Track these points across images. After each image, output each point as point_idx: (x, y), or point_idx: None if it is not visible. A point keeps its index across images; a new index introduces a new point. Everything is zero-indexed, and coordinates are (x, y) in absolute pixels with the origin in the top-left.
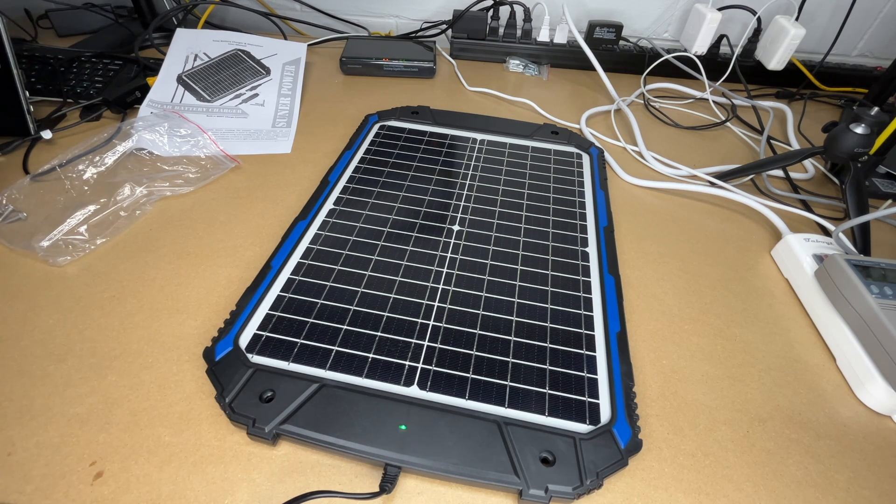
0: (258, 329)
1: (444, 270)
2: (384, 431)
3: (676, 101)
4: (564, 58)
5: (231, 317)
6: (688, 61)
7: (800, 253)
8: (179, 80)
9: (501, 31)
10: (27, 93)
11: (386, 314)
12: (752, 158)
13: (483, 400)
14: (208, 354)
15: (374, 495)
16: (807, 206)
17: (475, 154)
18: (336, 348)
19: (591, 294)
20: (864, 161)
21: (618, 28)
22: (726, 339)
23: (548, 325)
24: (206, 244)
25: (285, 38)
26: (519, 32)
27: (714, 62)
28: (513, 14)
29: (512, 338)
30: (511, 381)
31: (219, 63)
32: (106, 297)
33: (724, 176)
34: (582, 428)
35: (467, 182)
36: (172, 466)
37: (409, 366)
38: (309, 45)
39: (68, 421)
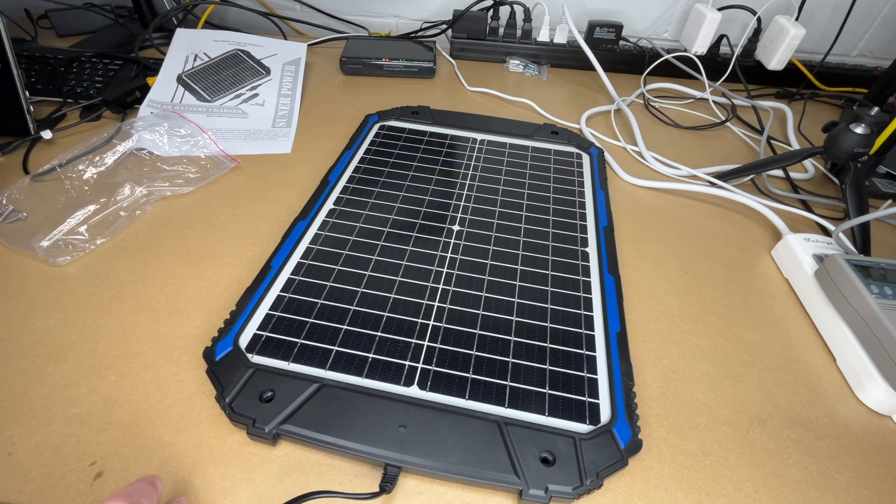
0: (258, 329)
1: (444, 270)
2: (384, 431)
3: (676, 101)
4: (564, 58)
5: (231, 317)
6: (688, 61)
7: (800, 253)
8: (179, 80)
9: (501, 31)
10: (27, 93)
11: (386, 314)
12: (752, 158)
13: (483, 400)
14: (208, 354)
15: (374, 495)
16: (807, 206)
17: (475, 154)
18: (336, 348)
19: (591, 294)
20: (864, 161)
21: (618, 28)
22: (726, 339)
23: (548, 324)
24: (206, 244)
25: (285, 38)
26: (519, 32)
27: (714, 62)
28: (513, 14)
29: (512, 338)
30: (511, 381)
31: (219, 63)
32: (106, 297)
33: (724, 176)
34: (582, 428)
35: (467, 182)
36: (172, 466)
37: (408, 366)
38: (309, 45)
39: (68, 421)
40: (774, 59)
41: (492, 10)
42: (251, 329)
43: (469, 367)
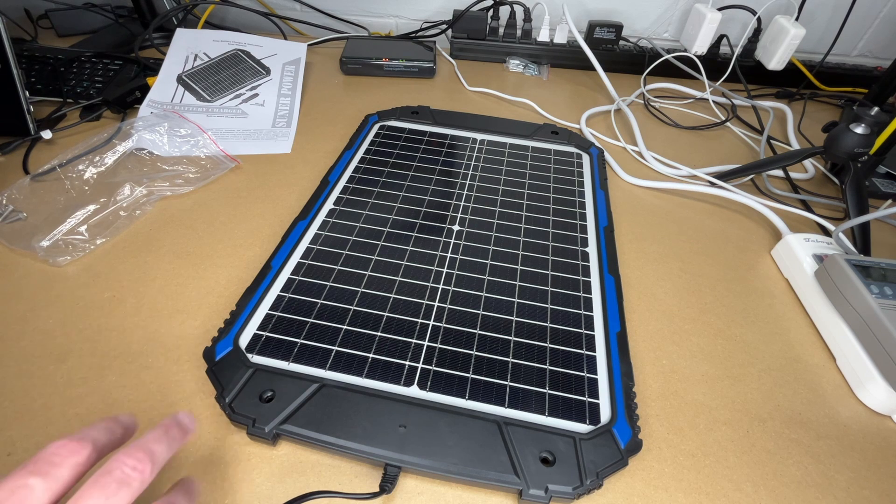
0: (258, 329)
1: (444, 270)
2: (384, 431)
3: (676, 101)
4: (564, 58)
5: (231, 317)
6: (688, 61)
7: (800, 253)
8: (179, 80)
9: (501, 31)
10: (27, 93)
11: (386, 314)
12: (752, 158)
13: (483, 400)
14: (208, 354)
15: (374, 495)
16: (807, 206)
17: (475, 154)
18: (336, 348)
19: (591, 294)
20: (864, 161)
21: (618, 28)
22: (726, 339)
23: (548, 324)
24: (206, 244)
25: (285, 38)
26: (519, 32)
27: (714, 62)
28: (513, 14)
29: (512, 338)
30: (511, 381)
31: (219, 63)
32: (106, 297)
33: (724, 176)
34: (582, 428)
35: (467, 182)
36: (172, 466)
37: (409, 366)
38: (309, 45)
39: (68, 421)
40: (774, 59)
41: (492, 10)
42: (251, 329)
43: (469, 367)
